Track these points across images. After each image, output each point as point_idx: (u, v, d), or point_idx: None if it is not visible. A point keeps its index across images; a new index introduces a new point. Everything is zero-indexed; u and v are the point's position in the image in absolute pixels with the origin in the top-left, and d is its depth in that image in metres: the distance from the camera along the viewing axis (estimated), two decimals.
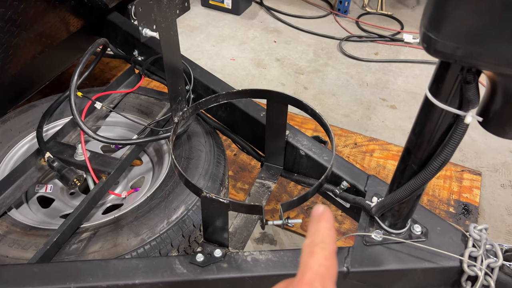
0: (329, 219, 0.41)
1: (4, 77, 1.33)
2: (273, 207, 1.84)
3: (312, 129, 2.24)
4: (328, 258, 0.38)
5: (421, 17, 0.66)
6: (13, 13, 1.12)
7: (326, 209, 0.42)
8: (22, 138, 1.42)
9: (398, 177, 0.90)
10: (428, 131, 0.78)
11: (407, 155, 0.85)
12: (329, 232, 0.40)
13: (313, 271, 0.37)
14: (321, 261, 0.37)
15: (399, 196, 0.87)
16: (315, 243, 0.39)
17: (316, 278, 0.36)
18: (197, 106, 1.10)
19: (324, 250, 0.38)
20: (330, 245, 0.39)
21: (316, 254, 0.38)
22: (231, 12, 3.31)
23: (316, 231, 0.40)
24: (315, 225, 0.41)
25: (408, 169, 0.86)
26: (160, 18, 0.85)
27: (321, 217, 0.41)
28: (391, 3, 3.54)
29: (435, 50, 0.63)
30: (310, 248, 0.39)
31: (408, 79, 2.68)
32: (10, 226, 1.15)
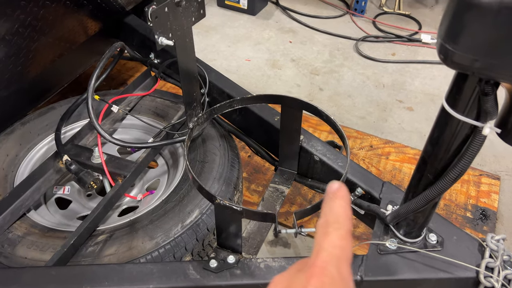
0: (344, 196, 0.39)
1: (24, 81, 1.36)
2: (287, 209, 1.84)
3: (327, 131, 2.22)
4: (343, 238, 0.36)
5: (438, 28, 0.65)
6: (33, 19, 1.14)
7: (342, 186, 0.39)
8: (40, 140, 1.45)
9: (414, 186, 0.89)
10: (444, 141, 0.77)
11: (423, 164, 0.84)
12: (344, 210, 0.38)
13: (327, 253, 0.35)
14: (335, 242, 0.36)
15: (415, 205, 0.86)
16: (329, 223, 0.37)
17: (330, 261, 0.34)
18: (212, 112, 1.11)
19: (339, 230, 0.36)
20: (345, 224, 0.37)
21: (330, 234, 0.36)
22: (246, 12, 3.31)
23: (330, 210, 0.38)
24: (329, 203, 0.38)
25: (424, 179, 0.85)
26: (176, 26, 0.85)
27: (336, 194, 0.39)
28: (409, 3, 3.49)
29: (452, 62, 0.63)
30: (324, 229, 0.37)
31: (426, 80, 2.64)
32: (29, 228, 1.17)
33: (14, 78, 1.28)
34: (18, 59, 1.21)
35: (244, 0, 3.25)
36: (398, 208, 0.94)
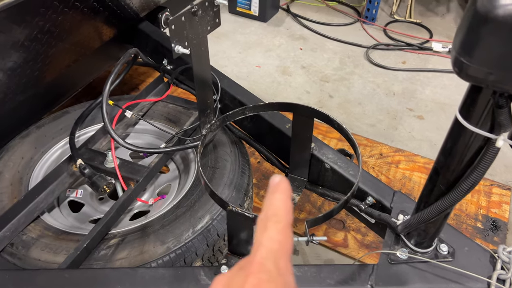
0: (285, 190, 0.38)
1: (40, 85, 1.38)
2: (295, 216, 1.84)
3: (336, 138, 2.23)
4: (281, 231, 0.35)
5: (453, 41, 0.66)
6: (51, 26, 1.17)
7: (283, 179, 0.38)
8: (55, 144, 1.47)
9: (426, 196, 0.89)
10: (457, 152, 0.78)
11: (435, 175, 0.84)
12: (283, 203, 0.37)
13: (265, 249, 0.34)
14: (273, 236, 0.35)
15: (426, 216, 0.87)
16: (268, 217, 0.36)
17: (268, 257, 0.33)
18: (224, 119, 1.12)
19: (277, 223, 0.35)
20: (284, 217, 0.36)
21: (268, 229, 0.35)
22: (257, 19, 3.33)
23: (270, 204, 0.37)
24: (269, 198, 0.37)
25: (436, 190, 0.85)
26: (192, 35, 0.87)
27: (277, 188, 0.38)
28: (420, 11, 3.49)
29: (467, 75, 0.63)
30: (263, 223, 0.36)
31: (437, 89, 2.64)
32: (43, 230, 1.19)
33: (31, 83, 1.30)
34: (36, 64, 1.24)
35: (255, 7, 3.28)
36: (410, 218, 0.94)
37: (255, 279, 0.31)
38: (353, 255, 1.68)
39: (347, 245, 1.71)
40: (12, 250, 1.12)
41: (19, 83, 1.23)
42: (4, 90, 1.18)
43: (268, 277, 0.32)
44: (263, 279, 0.31)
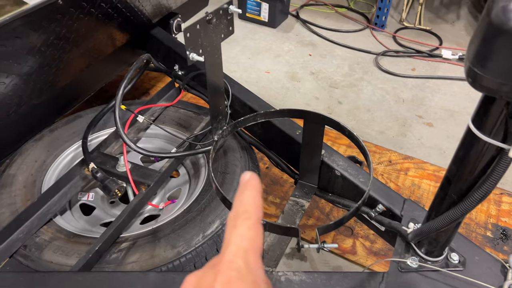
0: (255, 187, 0.38)
1: (54, 90, 1.41)
2: (304, 222, 1.84)
3: (345, 144, 2.23)
4: (251, 228, 0.35)
5: (466, 51, 0.66)
6: (67, 31, 1.19)
7: (253, 176, 0.39)
8: (67, 147, 1.49)
9: (437, 205, 0.89)
10: (469, 162, 0.78)
11: (447, 184, 0.85)
12: (253, 200, 0.37)
13: (235, 246, 0.34)
14: (243, 233, 0.34)
15: (438, 225, 0.87)
16: (238, 214, 0.36)
17: (237, 254, 0.33)
18: (235, 125, 1.13)
19: (247, 220, 0.35)
20: (253, 214, 0.36)
21: (238, 226, 0.35)
22: (267, 25, 3.35)
23: (240, 201, 0.37)
24: (239, 195, 0.37)
25: (447, 199, 0.85)
26: (206, 43, 0.88)
27: (247, 185, 0.38)
28: (430, 18, 3.49)
29: (480, 86, 0.64)
30: (233, 221, 0.36)
31: (446, 96, 2.63)
32: (55, 233, 1.21)
33: (45, 88, 1.32)
34: (51, 69, 1.26)
35: (265, 13, 3.30)
36: (421, 226, 0.94)
37: (225, 276, 0.31)
38: (361, 262, 1.67)
39: (356, 252, 1.71)
40: (25, 252, 1.14)
41: (34, 88, 1.25)
42: (20, 94, 1.20)
43: (238, 274, 0.32)
44: (233, 276, 0.31)
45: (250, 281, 0.32)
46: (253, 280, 0.32)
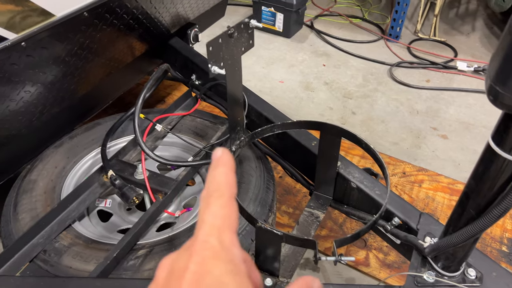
0: (227, 163, 0.36)
1: (75, 97, 1.44)
2: (317, 233, 1.84)
3: (359, 155, 2.23)
4: (224, 206, 0.34)
5: (487, 68, 0.67)
6: (90, 42, 1.22)
7: (224, 152, 0.37)
8: (86, 154, 1.52)
9: (455, 220, 0.89)
10: (489, 178, 0.78)
11: (466, 199, 0.85)
12: (225, 177, 0.35)
13: (208, 225, 0.33)
14: (216, 212, 0.33)
15: (455, 240, 0.87)
16: (210, 193, 0.35)
17: (211, 233, 0.32)
18: (253, 136, 1.15)
19: (220, 198, 0.34)
20: (226, 191, 0.35)
21: (211, 205, 0.34)
22: (281, 35, 3.38)
23: (212, 179, 0.35)
24: (211, 173, 0.36)
25: (466, 214, 0.86)
26: (227, 56, 0.90)
27: (218, 162, 0.36)
28: (445, 29, 3.48)
29: (501, 104, 0.64)
30: (206, 200, 0.34)
31: (461, 108, 2.62)
32: (74, 238, 1.23)
33: (67, 96, 1.36)
34: (73, 78, 1.29)
35: (279, 23, 3.33)
36: (438, 241, 0.94)
37: (199, 257, 0.31)
38: (375, 274, 1.67)
39: (369, 264, 1.71)
40: (45, 257, 1.16)
41: (57, 96, 1.28)
42: (43, 102, 1.24)
43: (212, 253, 0.31)
44: (207, 256, 0.31)
45: (225, 260, 0.31)
46: (229, 259, 0.31)
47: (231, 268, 0.31)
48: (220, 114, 1.74)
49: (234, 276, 0.30)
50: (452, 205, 1.97)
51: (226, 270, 0.30)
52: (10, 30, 0.97)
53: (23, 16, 1.00)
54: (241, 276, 0.31)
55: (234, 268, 0.31)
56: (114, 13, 1.24)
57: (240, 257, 0.33)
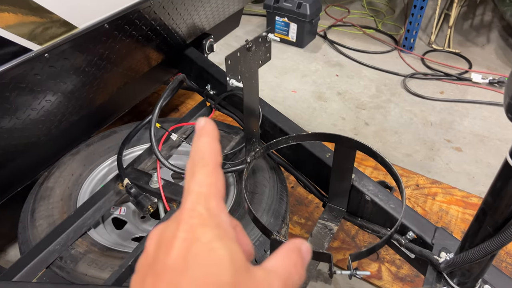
0: (210, 132, 0.36)
1: (92, 106, 1.46)
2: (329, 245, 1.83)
3: (372, 166, 2.22)
4: (209, 174, 0.34)
5: (506, 86, 0.67)
6: (110, 53, 1.25)
7: (208, 121, 0.37)
8: (102, 162, 1.54)
9: (471, 236, 0.89)
10: (506, 195, 0.77)
11: (483, 216, 0.84)
12: (209, 146, 0.36)
13: (194, 194, 0.33)
14: (201, 180, 0.33)
15: (472, 256, 0.86)
16: (195, 163, 0.35)
17: (198, 201, 0.32)
18: (268, 147, 1.16)
19: (204, 167, 0.34)
20: (210, 160, 0.35)
21: (196, 174, 0.34)
22: (295, 45, 3.40)
23: (197, 149, 0.36)
24: (195, 142, 0.36)
25: (482, 230, 0.85)
26: (245, 69, 0.92)
27: (202, 131, 0.37)
28: (459, 41, 3.47)
29: None
30: (191, 170, 0.35)
31: (476, 120, 2.60)
32: (90, 246, 1.25)
33: (85, 104, 1.38)
34: (92, 87, 1.32)
35: (293, 33, 3.35)
36: (454, 257, 0.93)
37: (187, 225, 0.31)
38: None
39: (381, 277, 1.69)
40: (61, 264, 1.18)
41: (75, 105, 1.31)
42: (63, 111, 1.26)
43: (199, 221, 0.31)
44: (195, 223, 0.31)
45: (213, 226, 0.31)
46: (216, 224, 0.32)
47: (219, 234, 0.31)
48: (232, 124, 1.76)
49: (222, 240, 0.30)
50: (466, 218, 1.95)
51: (214, 236, 0.30)
52: (32, 41, 1.00)
53: (45, 28, 1.03)
54: (229, 240, 0.31)
55: (222, 233, 0.31)
56: (134, 25, 1.26)
57: (228, 223, 0.33)
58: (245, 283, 0.30)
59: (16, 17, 0.93)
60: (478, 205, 2.08)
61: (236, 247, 0.31)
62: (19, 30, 0.95)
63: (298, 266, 0.35)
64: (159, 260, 0.30)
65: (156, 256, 0.31)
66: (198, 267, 0.29)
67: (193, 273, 0.28)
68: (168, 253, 0.30)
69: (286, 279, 0.33)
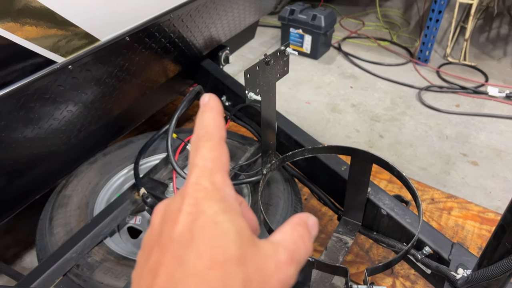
0: (214, 107, 0.37)
1: (110, 116, 1.49)
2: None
3: (386, 179, 2.21)
4: (213, 149, 0.34)
5: None
6: (129, 64, 1.28)
7: (212, 97, 0.38)
8: (119, 171, 1.57)
9: (490, 253, 0.88)
10: None
11: (501, 232, 0.83)
12: (213, 121, 0.36)
13: (199, 168, 0.33)
14: (206, 154, 0.33)
15: (490, 273, 0.85)
16: (199, 137, 0.35)
17: (202, 175, 0.32)
18: (283, 159, 1.16)
19: (209, 141, 0.34)
20: (215, 134, 0.35)
21: (200, 148, 0.34)
22: (309, 56, 3.41)
23: (201, 124, 0.36)
24: (199, 118, 0.36)
25: (501, 247, 0.84)
26: (263, 83, 0.93)
27: (206, 107, 0.37)
28: (476, 54, 3.44)
29: None
30: (195, 145, 0.35)
31: (492, 134, 2.57)
32: (106, 254, 1.26)
33: (104, 114, 1.41)
34: (111, 98, 1.34)
35: (307, 45, 3.36)
36: (472, 273, 0.92)
37: (192, 198, 0.31)
38: None
39: None
40: (78, 272, 1.19)
41: (94, 115, 1.33)
42: (82, 121, 1.29)
43: (204, 194, 0.31)
44: (200, 197, 0.31)
45: (217, 199, 0.31)
46: (221, 198, 0.32)
47: (224, 207, 0.31)
48: (246, 134, 1.77)
49: (227, 214, 0.30)
50: (482, 234, 1.92)
51: (219, 209, 0.30)
52: (56, 53, 1.03)
53: (68, 40, 1.06)
54: (235, 213, 0.31)
55: (227, 207, 0.31)
56: (153, 37, 1.29)
57: (233, 197, 0.33)
58: (251, 256, 0.29)
59: (40, 30, 0.96)
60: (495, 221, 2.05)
61: (242, 221, 0.31)
62: (43, 42, 0.98)
63: (305, 239, 0.35)
64: (165, 233, 0.30)
65: (161, 230, 0.31)
66: (204, 239, 0.29)
67: (198, 245, 0.28)
68: (174, 226, 0.30)
69: (293, 252, 0.33)
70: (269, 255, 0.31)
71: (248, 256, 0.29)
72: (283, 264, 0.31)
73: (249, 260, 0.29)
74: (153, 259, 0.30)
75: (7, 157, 1.09)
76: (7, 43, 0.89)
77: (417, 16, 3.90)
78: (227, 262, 0.28)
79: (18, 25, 0.90)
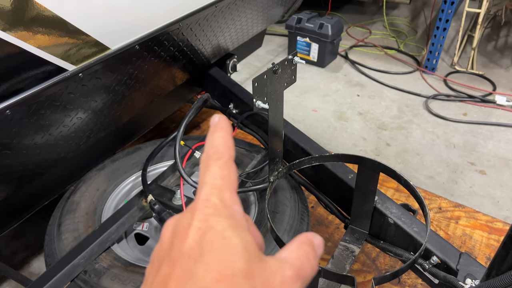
0: (224, 127, 0.38)
1: (119, 123, 1.51)
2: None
3: (393, 188, 2.20)
4: (223, 167, 0.35)
5: None
6: (138, 72, 1.29)
7: (222, 118, 0.38)
8: (127, 178, 1.58)
9: (498, 263, 0.87)
10: None
11: (510, 243, 0.83)
12: (223, 140, 0.37)
13: (209, 186, 0.34)
14: (216, 173, 0.35)
15: (498, 284, 0.84)
16: (209, 156, 0.36)
17: (212, 193, 0.33)
18: (290, 167, 1.17)
19: (219, 160, 0.35)
20: (225, 153, 0.36)
21: (210, 167, 0.35)
22: (316, 64, 3.43)
23: (211, 143, 0.37)
24: (210, 137, 0.37)
25: (509, 258, 0.83)
26: (271, 91, 0.94)
27: (216, 127, 0.38)
28: (483, 63, 3.44)
29: None
30: (205, 163, 0.36)
31: (500, 143, 2.55)
32: (113, 260, 1.27)
33: (113, 121, 1.42)
34: (120, 105, 1.36)
35: (314, 53, 3.38)
36: (480, 284, 0.91)
37: (201, 214, 0.32)
38: None
39: None
40: (85, 277, 1.20)
41: (104, 122, 1.35)
42: (91, 127, 1.30)
43: (213, 210, 0.32)
44: (209, 213, 0.32)
45: (226, 215, 0.32)
46: (230, 215, 0.33)
47: (233, 223, 0.32)
48: (253, 142, 1.77)
49: (235, 229, 0.31)
50: (490, 244, 1.90)
51: (228, 225, 0.31)
52: (66, 60, 1.04)
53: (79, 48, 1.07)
54: (242, 229, 0.32)
55: (235, 223, 0.32)
56: (162, 46, 1.31)
57: (241, 213, 0.34)
58: (258, 270, 0.30)
59: (52, 38, 0.98)
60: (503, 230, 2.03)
61: (249, 237, 0.32)
62: (55, 51, 1.00)
63: (311, 257, 0.36)
64: (175, 247, 0.31)
65: (171, 244, 0.32)
66: (213, 254, 0.29)
67: (207, 259, 0.29)
68: (184, 241, 0.31)
69: (298, 269, 0.33)
70: (276, 271, 0.32)
71: (255, 270, 0.30)
72: (289, 279, 0.32)
73: (256, 275, 0.30)
74: (163, 272, 0.31)
75: (17, 163, 1.11)
76: (19, 51, 0.91)
77: (424, 24, 3.91)
78: (235, 275, 0.29)
79: (30, 34, 0.92)
